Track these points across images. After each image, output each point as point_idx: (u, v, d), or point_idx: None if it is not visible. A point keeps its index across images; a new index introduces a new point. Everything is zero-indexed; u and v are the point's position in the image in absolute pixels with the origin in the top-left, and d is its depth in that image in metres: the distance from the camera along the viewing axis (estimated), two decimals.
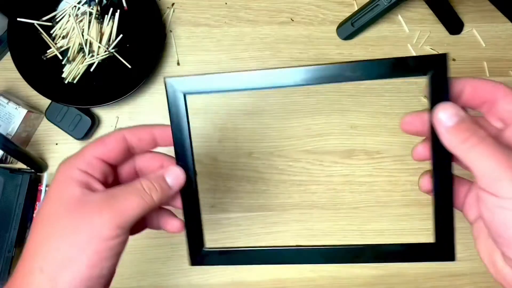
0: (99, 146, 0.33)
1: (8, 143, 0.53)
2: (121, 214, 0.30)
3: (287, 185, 0.62)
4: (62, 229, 0.29)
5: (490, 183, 0.27)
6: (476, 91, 0.30)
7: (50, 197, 0.31)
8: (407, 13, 0.67)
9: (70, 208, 0.30)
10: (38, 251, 0.29)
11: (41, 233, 0.30)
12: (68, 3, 0.60)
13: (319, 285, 0.61)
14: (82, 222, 0.29)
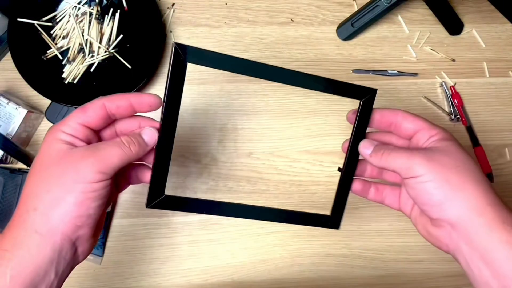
0: (81, 113, 0.36)
1: (8, 143, 0.53)
2: (103, 161, 0.34)
3: (287, 185, 0.62)
4: (51, 175, 0.33)
5: (407, 171, 0.38)
6: (383, 117, 0.43)
7: (40, 153, 0.35)
8: (407, 14, 0.67)
9: (57, 158, 0.34)
10: (31, 194, 0.33)
11: (33, 180, 0.34)
12: (68, 3, 0.60)
13: (319, 285, 0.61)
14: (68, 167, 0.33)
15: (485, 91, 0.66)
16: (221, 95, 0.63)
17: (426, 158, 0.38)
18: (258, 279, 0.61)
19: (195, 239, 0.61)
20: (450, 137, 0.41)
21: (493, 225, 0.35)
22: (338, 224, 0.46)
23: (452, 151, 0.39)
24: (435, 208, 0.37)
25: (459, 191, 0.36)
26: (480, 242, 0.35)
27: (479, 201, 0.36)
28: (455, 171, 0.37)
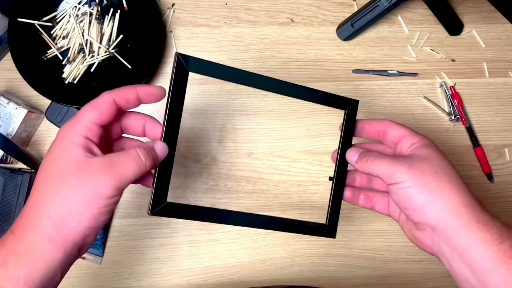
0: (94, 111, 0.36)
1: (9, 143, 0.53)
2: (120, 177, 0.35)
3: (287, 185, 0.62)
4: (70, 185, 0.34)
5: (389, 178, 0.41)
6: (371, 127, 0.47)
7: (54, 157, 0.35)
8: (407, 14, 0.67)
9: (76, 168, 0.34)
10: (45, 201, 0.34)
11: (49, 186, 0.35)
12: (68, 4, 0.60)
13: (319, 285, 0.61)
14: (87, 181, 0.34)
15: (485, 91, 0.66)
16: (221, 95, 0.63)
17: (406, 165, 0.40)
18: (258, 279, 0.61)
19: (195, 239, 0.61)
20: (430, 144, 0.43)
21: (468, 226, 0.38)
22: (334, 233, 0.49)
23: (431, 157, 0.41)
24: (417, 212, 0.40)
25: (437, 195, 0.39)
26: (458, 242, 0.38)
27: (456, 204, 0.38)
28: (433, 177, 0.40)
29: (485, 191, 0.64)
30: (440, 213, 0.39)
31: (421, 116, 0.65)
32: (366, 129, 0.47)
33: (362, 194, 0.48)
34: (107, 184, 0.34)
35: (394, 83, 0.65)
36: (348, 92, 0.64)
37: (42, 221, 0.33)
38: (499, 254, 0.36)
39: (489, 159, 0.65)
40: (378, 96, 0.65)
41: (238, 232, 0.61)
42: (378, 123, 0.46)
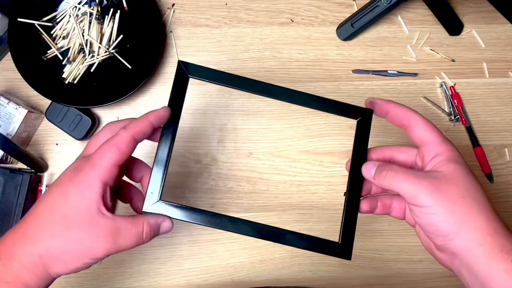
0: (115, 152, 0.36)
1: (9, 143, 0.53)
2: (117, 249, 0.36)
3: (287, 185, 0.62)
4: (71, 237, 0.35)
5: (411, 199, 0.38)
6: (397, 116, 0.42)
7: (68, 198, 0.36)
8: (407, 14, 0.67)
9: (84, 222, 0.35)
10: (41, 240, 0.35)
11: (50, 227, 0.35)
12: (68, 4, 0.60)
13: (318, 285, 0.61)
14: (87, 240, 0.35)
15: (485, 92, 0.66)
16: (221, 95, 0.63)
17: (432, 188, 0.37)
18: (258, 279, 0.61)
19: (195, 239, 0.61)
20: (457, 158, 0.39)
21: (491, 255, 0.36)
22: (349, 254, 0.45)
23: (459, 177, 0.38)
24: (439, 238, 0.38)
25: (464, 223, 0.37)
26: (479, 271, 0.36)
27: (481, 231, 0.36)
28: (461, 203, 0.37)
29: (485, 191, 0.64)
30: (464, 242, 0.37)
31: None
32: (390, 115, 0.42)
33: (379, 203, 0.43)
34: (103, 250, 0.36)
35: (394, 83, 0.65)
36: (348, 92, 0.64)
37: (33, 258, 0.35)
38: None
39: (489, 159, 0.65)
40: (379, 95, 0.65)
41: None
42: (406, 113, 0.41)
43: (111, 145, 0.36)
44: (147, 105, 0.62)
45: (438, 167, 0.39)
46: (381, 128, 0.64)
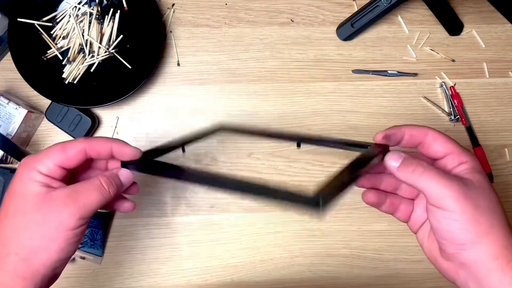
0: (60, 154, 0.36)
1: (9, 143, 0.53)
2: (84, 207, 0.35)
3: (287, 185, 0.62)
4: (32, 221, 0.34)
5: (437, 200, 0.35)
6: (413, 136, 0.39)
7: (14, 193, 0.36)
8: (407, 14, 0.67)
9: (37, 203, 0.35)
10: (11, 238, 0.34)
11: (11, 225, 0.35)
12: (68, 4, 0.60)
13: (318, 285, 0.61)
14: (50, 215, 0.34)
15: (485, 92, 0.66)
16: (221, 95, 0.63)
17: (462, 193, 0.35)
18: (258, 279, 0.61)
19: (195, 239, 0.61)
20: (481, 169, 0.38)
21: (506, 269, 0.35)
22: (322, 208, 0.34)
23: (485, 188, 0.37)
24: (454, 245, 0.36)
25: (484, 236, 0.35)
26: (490, 284, 0.35)
27: (498, 245, 0.35)
28: (486, 215, 0.36)
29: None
30: (479, 254, 0.36)
31: (421, 116, 0.65)
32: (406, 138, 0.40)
33: (388, 200, 0.42)
34: (71, 215, 0.35)
35: (394, 83, 0.65)
36: (348, 92, 0.64)
37: (11, 259, 0.34)
38: None
39: (489, 159, 0.65)
40: (378, 96, 0.65)
41: (238, 232, 0.61)
42: (420, 131, 0.39)
43: (60, 147, 0.36)
44: (147, 105, 0.62)
45: (464, 174, 0.37)
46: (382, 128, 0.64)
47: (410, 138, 0.40)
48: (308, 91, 0.64)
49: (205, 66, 0.63)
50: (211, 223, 0.61)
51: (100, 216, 0.58)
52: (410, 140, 0.40)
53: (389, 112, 0.65)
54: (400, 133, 0.40)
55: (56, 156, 0.36)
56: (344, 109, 0.64)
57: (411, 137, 0.40)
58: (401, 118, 0.65)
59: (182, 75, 0.63)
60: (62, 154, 0.36)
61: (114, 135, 0.62)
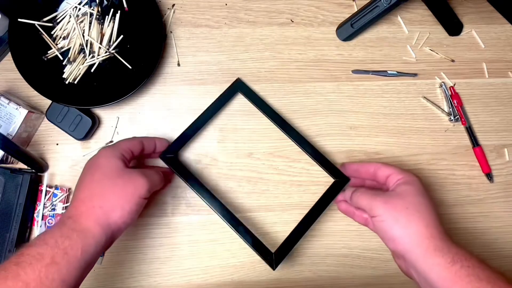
0: (128, 142, 0.52)
1: (9, 143, 0.53)
2: (152, 183, 0.49)
3: (287, 185, 0.63)
4: (116, 184, 0.47)
5: (370, 211, 0.51)
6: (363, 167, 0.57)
7: (98, 165, 0.48)
8: (406, 14, 0.67)
9: (119, 172, 0.48)
10: (97, 196, 0.46)
11: (98, 186, 0.47)
12: (69, 4, 0.60)
13: (318, 285, 0.61)
14: (129, 182, 0.47)
15: (484, 92, 0.66)
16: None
17: (383, 201, 0.49)
18: (258, 279, 0.61)
19: (195, 239, 0.61)
20: (413, 182, 0.51)
21: (427, 253, 0.45)
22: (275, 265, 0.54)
23: (408, 194, 0.50)
24: (390, 242, 0.49)
25: (406, 228, 0.47)
26: (420, 267, 0.46)
27: (420, 235, 0.47)
28: (404, 213, 0.48)
29: (485, 191, 0.65)
30: (407, 245, 0.47)
31: (420, 116, 0.65)
32: (358, 169, 0.57)
33: (357, 212, 0.56)
34: (144, 185, 0.47)
35: (393, 84, 0.65)
36: (347, 93, 0.64)
37: (95, 210, 0.45)
38: (451, 275, 0.44)
39: (488, 159, 0.65)
40: (378, 96, 0.65)
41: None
42: (368, 165, 0.56)
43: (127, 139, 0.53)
44: (147, 105, 0.63)
45: (395, 188, 0.51)
46: (381, 128, 0.64)
47: (361, 167, 0.57)
48: (308, 91, 0.64)
49: (205, 66, 0.64)
50: (211, 223, 0.61)
51: None
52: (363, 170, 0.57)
53: (389, 112, 0.65)
54: (354, 166, 0.58)
55: (126, 143, 0.51)
56: (343, 109, 0.64)
57: (362, 167, 0.57)
58: (400, 118, 0.65)
59: (182, 75, 0.63)
60: (130, 141, 0.52)
61: (115, 135, 0.62)
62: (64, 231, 0.43)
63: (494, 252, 0.64)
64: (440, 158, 0.65)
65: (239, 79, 0.61)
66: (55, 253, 0.41)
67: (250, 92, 0.61)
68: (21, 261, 0.40)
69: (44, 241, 0.42)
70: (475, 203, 0.64)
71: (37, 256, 0.40)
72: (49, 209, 0.59)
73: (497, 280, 0.43)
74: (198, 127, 0.59)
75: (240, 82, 0.61)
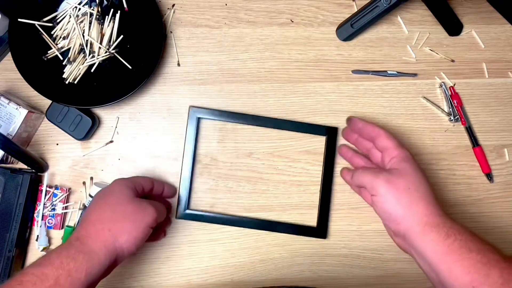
0: (142, 179, 0.55)
1: (9, 143, 0.53)
2: (159, 212, 0.51)
3: (287, 185, 0.63)
4: (126, 209, 0.48)
5: (371, 189, 0.51)
6: (366, 128, 0.56)
7: (113, 192, 0.50)
8: (406, 15, 0.67)
9: (131, 201, 0.49)
10: (108, 219, 0.47)
11: (110, 210, 0.48)
12: (69, 4, 0.60)
13: (318, 285, 0.61)
14: (139, 209, 0.49)
15: (484, 92, 0.66)
16: (221, 95, 0.63)
17: (386, 180, 0.50)
18: (258, 279, 0.61)
19: (195, 239, 0.61)
20: (408, 159, 0.52)
21: (425, 230, 0.47)
22: (325, 234, 0.61)
23: (408, 173, 0.50)
24: (391, 222, 0.50)
25: (408, 208, 0.48)
26: (418, 244, 0.47)
27: (419, 214, 0.48)
28: (406, 193, 0.49)
29: (485, 191, 0.65)
30: (408, 224, 0.48)
31: (420, 116, 0.65)
32: (362, 129, 0.57)
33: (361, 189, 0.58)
34: (152, 214, 0.49)
35: (393, 84, 0.65)
36: (347, 93, 0.64)
37: (103, 232, 0.46)
38: (444, 247, 0.45)
39: (488, 159, 0.65)
40: (378, 96, 0.65)
41: (238, 232, 0.61)
42: (372, 128, 0.56)
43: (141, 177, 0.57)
44: (147, 106, 0.63)
45: (393, 165, 0.52)
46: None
47: (364, 128, 0.56)
48: (308, 91, 0.64)
49: (205, 66, 0.64)
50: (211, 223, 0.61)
51: None
52: (366, 131, 0.56)
53: (389, 112, 0.65)
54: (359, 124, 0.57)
55: (139, 180, 0.54)
56: (343, 109, 0.64)
57: (365, 127, 0.56)
58: (400, 118, 0.65)
59: (182, 75, 0.63)
60: (142, 180, 0.54)
61: (115, 135, 0.62)
62: (71, 252, 0.44)
63: None
64: (440, 158, 0.65)
65: (191, 106, 0.61)
66: (60, 274, 0.42)
67: (208, 112, 0.61)
68: (26, 280, 0.41)
69: (49, 261, 0.43)
70: (475, 203, 0.64)
71: (42, 276, 0.41)
72: (49, 209, 0.59)
73: (486, 251, 0.45)
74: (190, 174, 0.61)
75: (193, 109, 0.61)
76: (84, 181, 0.61)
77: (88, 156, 0.61)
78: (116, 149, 0.62)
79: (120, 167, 0.61)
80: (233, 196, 0.62)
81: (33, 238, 0.59)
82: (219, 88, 0.63)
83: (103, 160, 0.61)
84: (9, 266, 0.55)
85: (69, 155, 0.61)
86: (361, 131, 0.57)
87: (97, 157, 0.61)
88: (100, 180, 0.61)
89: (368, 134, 0.56)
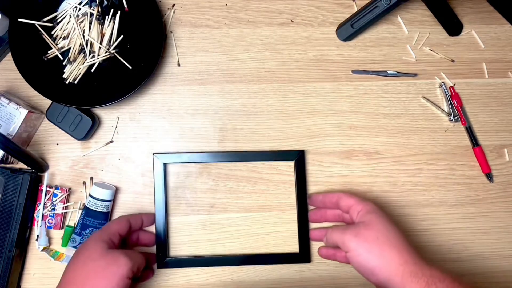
0: (117, 224, 0.55)
1: (9, 143, 0.53)
2: (135, 263, 0.50)
3: (287, 185, 0.63)
4: (98, 266, 0.48)
5: (342, 245, 0.52)
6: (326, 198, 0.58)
7: (87, 248, 0.50)
8: (406, 15, 0.67)
9: (103, 254, 0.49)
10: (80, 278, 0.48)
11: (81, 268, 0.49)
12: (69, 4, 0.60)
13: (318, 285, 0.61)
14: (112, 262, 0.49)
15: (484, 92, 0.66)
16: (221, 95, 0.63)
17: (354, 234, 0.50)
18: (258, 279, 0.61)
19: (195, 239, 0.61)
20: (374, 210, 0.53)
21: (403, 280, 0.47)
22: (308, 258, 0.61)
23: (374, 223, 0.51)
24: (369, 275, 0.49)
25: (381, 258, 0.48)
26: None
27: (395, 263, 0.48)
28: (376, 243, 0.49)
29: (485, 191, 0.65)
30: (385, 274, 0.48)
31: (420, 116, 0.65)
32: (323, 200, 0.59)
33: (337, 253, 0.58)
34: (126, 264, 0.48)
35: (393, 84, 0.65)
36: (347, 93, 0.65)
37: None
38: None
39: (488, 159, 0.65)
40: (378, 96, 0.65)
41: (238, 232, 0.61)
42: (332, 195, 0.57)
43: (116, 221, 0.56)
44: (147, 106, 0.63)
45: (360, 219, 0.52)
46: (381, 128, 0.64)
47: (324, 198, 0.58)
48: (308, 92, 0.64)
49: (205, 66, 0.64)
50: (211, 223, 0.61)
51: (102, 217, 0.58)
52: (327, 200, 0.58)
53: (389, 112, 0.65)
54: (319, 197, 0.59)
55: (115, 226, 0.54)
56: (343, 109, 0.64)
57: (325, 197, 0.58)
58: (400, 118, 0.65)
59: (182, 75, 0.63)
60: (117, 225, 0.54)
61: (115, 135, 0.62)
62: None
63: (495, 252, 0.64)
64: (440, 158, 0.65)
65: (154, 154, 0.60)
66: None
67: (171, 156, 0.60)
68: None
69: None
70: (475, 203, 0.64)
71: None
72: (49, 209, 0.59)
73: None
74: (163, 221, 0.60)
75: (156, 156, 0.60)
76: (84, 181, 0.61)
77: (88, 156, 0.61)
78: (116, 149, 0.62)
79: (120, 167, 0.62)
80: (233, 196, 0.62)
81: (33, 238, 0.59)
82: (219, 88, 0.63)
83: (103, 160, 0.61)
84: (9, 266, 0.56)
85: (69, 155, 0.61)
86: (323, 202, 0.59)
87: (97, 157, 0.61)
88: (100, 180, 0.61)
89: (330, 201, 0.57)
